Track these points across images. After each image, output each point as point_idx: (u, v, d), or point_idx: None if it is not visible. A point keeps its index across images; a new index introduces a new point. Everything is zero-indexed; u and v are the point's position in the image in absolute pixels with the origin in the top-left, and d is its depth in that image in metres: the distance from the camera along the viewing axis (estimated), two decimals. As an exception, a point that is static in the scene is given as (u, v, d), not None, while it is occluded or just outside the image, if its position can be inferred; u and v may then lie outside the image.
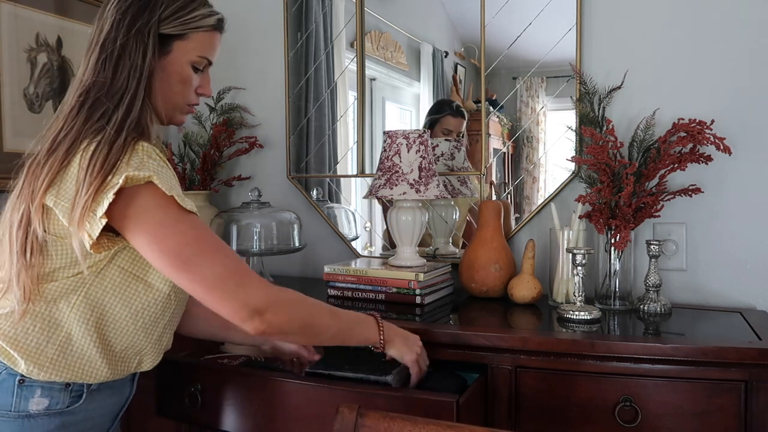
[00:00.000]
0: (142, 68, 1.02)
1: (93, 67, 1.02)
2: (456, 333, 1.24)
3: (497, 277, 1.53)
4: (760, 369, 1.09)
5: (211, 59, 1.13)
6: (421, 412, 1.08)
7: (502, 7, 1.67)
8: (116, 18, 1.03)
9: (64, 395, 1.00)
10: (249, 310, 0.95)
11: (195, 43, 1.08)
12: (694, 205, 1.52)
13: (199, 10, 1.08)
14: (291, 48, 1.97)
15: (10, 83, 1.72)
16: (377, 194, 1.53)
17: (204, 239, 0.98)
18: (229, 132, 1.97)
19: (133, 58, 1.02)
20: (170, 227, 0.96)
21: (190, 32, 1.07)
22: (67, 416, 1.00)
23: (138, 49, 1.02)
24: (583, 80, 1.57)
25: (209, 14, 1.10)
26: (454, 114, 1.78)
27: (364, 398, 1.12)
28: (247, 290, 0.96)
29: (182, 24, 1.06)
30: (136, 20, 1.02)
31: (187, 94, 1.11)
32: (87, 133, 0.97)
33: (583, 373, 1.17)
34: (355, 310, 1.44)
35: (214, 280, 0.95)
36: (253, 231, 1.73)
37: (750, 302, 1.50)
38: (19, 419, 0.97)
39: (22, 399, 0.97)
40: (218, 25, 1.12)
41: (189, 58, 1.08)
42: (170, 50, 1.06)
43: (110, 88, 1.01)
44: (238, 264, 0.98)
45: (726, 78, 1.50)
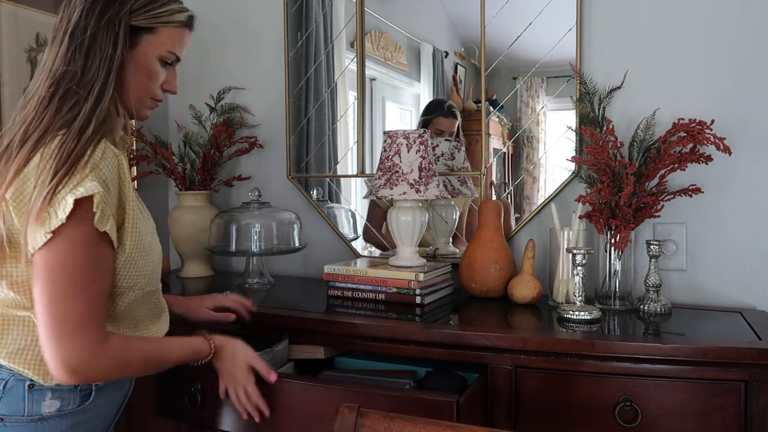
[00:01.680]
0: (112, 58, 1.01)
1: (63, 56, 1.00)
2: (456, 333, 1.24)
3: (497, 277, 1.53)
4: (760, 369, 1.09)
5: (179, 55, 1.12)
6: (422, 411, 1.08)
7: (503, 7, 1.67)
8: (85, 7, 1.01)
9: (74, 395, 1.01)
10: (69, 366, 0.92)
11: (164, 37, 1.08)
12: (694, 205, 1.52)
13: (169, 5, 1.08)
14: (291, 48, 1.96)
15: (10, 83, 1.72)
16: (377, 194, 1.53)
17: (89, 268, 0.94)
18: (229, 132, 1.97)
19: (103, 48, 1.01)
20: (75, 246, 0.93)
21: (160, 26, 1.07)
22: (78, 415, 1.01)
23: (108, 39, 1.01)
24: (583, 80, 1.57)
25: (180, 10, 1.10)
26: (445, 114, 1.78)
27: (364, 398, 1.12)
28: (75, 346, 0.92)
29: (153, 17, 1.06)
30: (107, 10, 1.01)
31: (152, 89, 1.10)
32: (57, 125, 0.96)
33: (583, 373, 1.17)
34: (356, 310, 1.45)
35: (59, 316, 0.91)
36: (253, 231, 1.73)
37: (750, 302, 1.50)
38: (32, 423, 0.98)
39: (34, 403, 0.98)
40: (188, 22, 1.12)
41: (157, 53, 1.08)
42: (139, 43, 1.05)
43: (81, 78, 0.99)
44: (92, 314, 0.94)
45: (726, 78, 1.50)
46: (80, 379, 0.95)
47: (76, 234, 0.92)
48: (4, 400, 0.97)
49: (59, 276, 0.91)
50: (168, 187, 2.19)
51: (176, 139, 2.09)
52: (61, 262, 0.91)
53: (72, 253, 0.92)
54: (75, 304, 0.92)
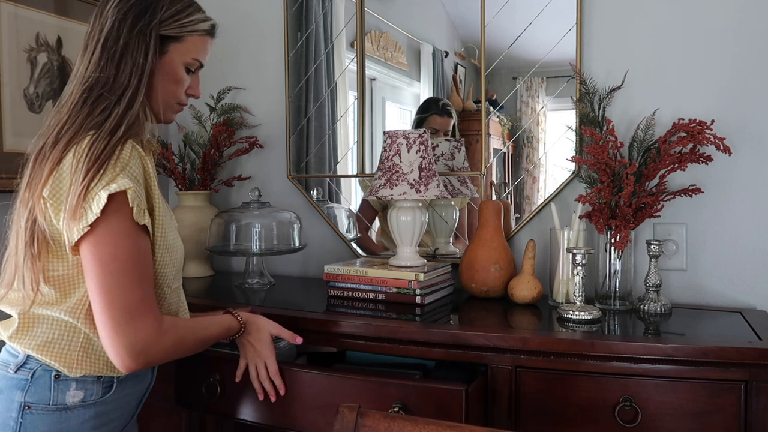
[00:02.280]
0: (143, 67, 1.07)
1: (96, 64, 1.06)
2: (456, 333, 1.24)
3: (497, 277, 1.53)
4: (760, 369, 1.09)
5: (203, 62, 1.19)
6: (432, 400, 1.12)
7: (503, 7, 1.67)
8: (117, 18, 1.07)
9: (97, 387, 1.06)
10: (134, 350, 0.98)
11: (190, 45, 1.14)
12: (694, 205, 1.52)
13: (195, 15, 1.15)
14: (291, 48, 1.97)
15: (10, 83, 1.72)
16: (377, 194, 1.53)
17: (138, 259, 1.00)
18: (229, 132, 1.97)
19: (135, 56, 1.06)
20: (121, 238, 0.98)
21: (187, 35, 1.13)
22: (100, 406, 1.06)
23: (140, 48, 1.07)
24: (583, 80, 1.57)
25: (204, 19, 1.16)
26: (440, 113, 1.78)
27: (377, 387, 1.16)
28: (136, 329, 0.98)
29: (180, 27, 1.12)
30: (138, 21, 1.07)
31: (178, 94, 1.17)
32: (88, 127, 1.01)
33: (583, 373, 1.17)
34: (356, 310, 1.45)
35: (119, 308, 0.97)
36: (253, 231, 1.73)
37: (750, 302, 1.50)
38: (57, 412, 1.02)
39: (59, 393, 1.03)
40: (211, 31, 1.19)
41: (183, 60, 1.14)
42: (167, 51, 1.11)
43: (113, 84, 1.05)
44: (146, 298, 1.00)
45: (726, 78, 1.50)
46: (144, 362, 0.99)
47: (118, 227, 0.97)
48: (32, 389, 1.02)
49: (112, 267, 0.97)
50: (168, 187, 2.19)
51: (176, 139, 2.09)
52: (111, 253, 0.97)
53: (119, 245, 0.97)
54: (132, 292, 0.98)
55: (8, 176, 1.70)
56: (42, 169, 1.00)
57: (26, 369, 1.03)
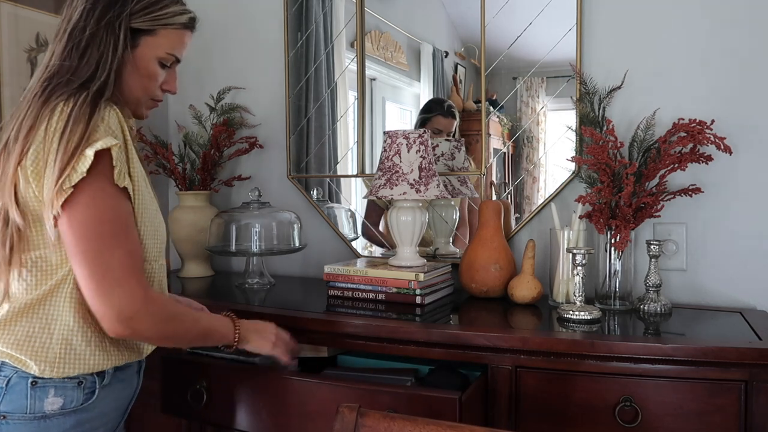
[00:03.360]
0: (112, 60, 1.02)
1: (60, 53, 1.02)
2: (456, 333, 1.24)
3: (497, 277, 1.53)
4: (760, 369, 1.09)
5: (179, 57, 1.13)
6: (425, 408, 1.10)
7: (503, 7, 1.67)
8: (86, 7, 1.03)
9: (78, 393, 1.00)
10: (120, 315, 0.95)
11: (164, 39, 1.08)
12: (694, 205, 1.52)
13: (170, 7, 1.08)
14: (291, 48, 1.96)
15: (10, 83, 1.72)
16: (377, 194, 1.53)
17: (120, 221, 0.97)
18: (229, 132, 1.97)
19: (101, 48, 1.02)
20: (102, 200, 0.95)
21: (160, 28, 1.07)
22: (82, 414, 1.01)
23: (108, 41, 1.02)
24: (583, 80, 1.57)
25: (181, 12, 1.10)
26: (444, 114, 1.77)
27: (368, 395, 1.14)
28: (123, 294, 0.95)
29: (152, 20, 1.06)
30: (107, 12, 1.02)
31: (151, 89, 1.12)
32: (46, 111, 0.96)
33: (583, 373, 1.17)
34: (356, 310, 1.45)
35: (102, 269, 0.93)
36: (253, 231, 1.73)
37: (750, 302, 1.50)
38: (35, 421, 0.97)
39: (37, 400, 0.97)
40: (189, 24, 1.12)
41: (156, 54, 1.08)
42: (138, 44, 1.06)
43: (75, 73, 1.00)
44: (132, 263, 0.97)
45: (726, 78, 1.50)
46: (133, 327, 0.96)
47: (100, 188, 0.94)
48: (7, 397, 0.97)
49: (95, 229, 0.94)
50: (168, 187, 2.19)
51: (176, 139, 2.09)
52: (92, 215, 0.93)
53: (100, 206, 0.94)
54: (115, 255, 0.94)
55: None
56: (8, 165, 0.96)
57: (1, 377, 0.97)
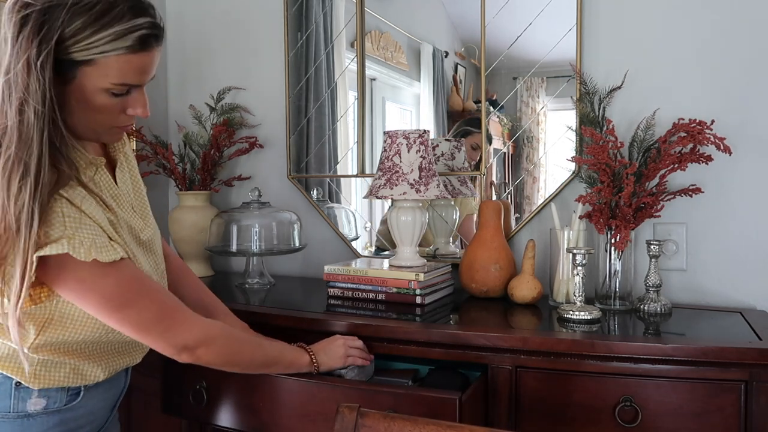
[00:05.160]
0: (43, 112, 0.85)
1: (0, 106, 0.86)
2: (456, 333, 1.24)
3: (497, 277, 1.53)
4: (760, 369, 1.09)
5: (134, 83, 0.93)
6: (425, 408, 1.10)
7: (503, 7, 1.67)
8: (11, 37, 0.85)
9: (62, 395, 1.01)
10: (178, 349, 1.00)
11: (106, 69, 0.88)
12: (694, 205, 1.52)
13: (110, 28, 0.87)
14: (291, 48, 1.96)
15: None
16: (377, 194, 1.53)
17: (130, 286, 0.95)
18: (229, 132, 1.97)
19: (32, 97, 0.84)
20: (94, 285, 0.92)
21: (98, 57, 0.87)
22: (66, 413, 1.01)
23: (36, 88, 0.84)
24: (583, 80, 1.57)
25: (126, 32, 0.88)
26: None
27: (368, 395, 1.14)
28: (175, 332, 0.99)
29: (84, 49, 0.86)
30: (29, 46, 0.84)
31: (107, 121, 0.95)
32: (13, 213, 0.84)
33: (583, 373, 1.17)
34: (356, 310, 1.45)
35: (143, 326, 0.97)
36: (253, 231, 1.73)
37: (750, 302, 1.50)
38: (18, 419, 0.97)
39: (20, 400, 0.98)
40: (139, 45, 0.89)
41: (100, 86, 0.90)
42: (74, 77, 0.88)
43: (19, 140, 0.85)
44: (164, 306, 0.99)
45: (726, 78, 1.50)
46: (206, 355, 1.01)
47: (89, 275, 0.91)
48: None
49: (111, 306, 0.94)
50: (168, 187, 2.19)
51: (176, 139, 2.09)
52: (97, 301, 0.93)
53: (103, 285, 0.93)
54: (160, 302, 0.98)
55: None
56: None
57: None
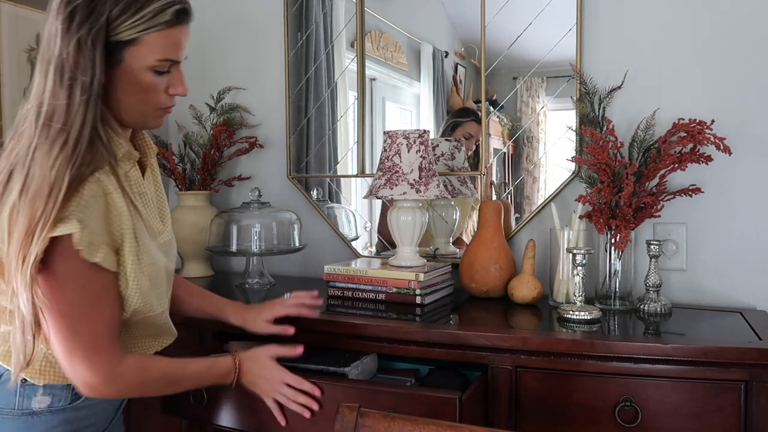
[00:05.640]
0: (90, 87, 0.91)
1: (50, 89, 0.91)
2: (456, 333, 1.24)
3: (497, 277, 1.53)
4: (760, 369, 1.09)
5: (175, 59, 0.99)
6: (425, 408, 1.09)
7: (503, 7, 1.67)
8: (61, 30, 0.91)
9: (66, 393, 1.01)
10: (84, 382, 0.95)
11: (149, 46, 0.94)
12: (694, 205, 1.52)
13: (149, 6, 0.93)
14: (291, 48, 1.96)
15: (10, 83, 1.72)
16: (377, 194, 1.53)
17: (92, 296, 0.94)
18: (229, 132, 1.97)
19: (82, 76, 0.90)
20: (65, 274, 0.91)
21: (142, 35, 0.93)
22: (70, 412, 1.01)
23: (85, 65, 0.90)
24: (583, 80, 1.57)
25: (163, 8, 0.94)
26: (477, 120, 1.76)
27: (369, 395, 1.14)
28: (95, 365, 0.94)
29: (130, 27, 0.92)
30: (81, 28, 0.90)
31: (154, 101, 1.00)
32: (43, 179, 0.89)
33: (583, 373, 1.17)
34: (356, 310, 1.45)
35: (73, 340, 0.93)
36: (253, 231, 1.73)
37: (750, 302, 1.50)
38: (22, 417, 0.98)
39: (25, 398, 0.98)
40: (177, 19, 0.96)
41: (146, 64, 0.96)
42: (122, 59, 0.94)
43: (66, 115, 0.91)
44: (105, 333, 0.96)
45: (726, 78, 1.50)
46: (101, 395, 0.97)
47: (64, 269, 0.90)
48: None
49: (61, 309, 0.92)
50: (168, 187, 2.19)
51: (176, 139, 2.09)
52: (57, 298, 0.91)
53: (65, 288, 0.91)
54: (81, 334, 0.93)
55: (8, 176, 1.70)
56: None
57: None
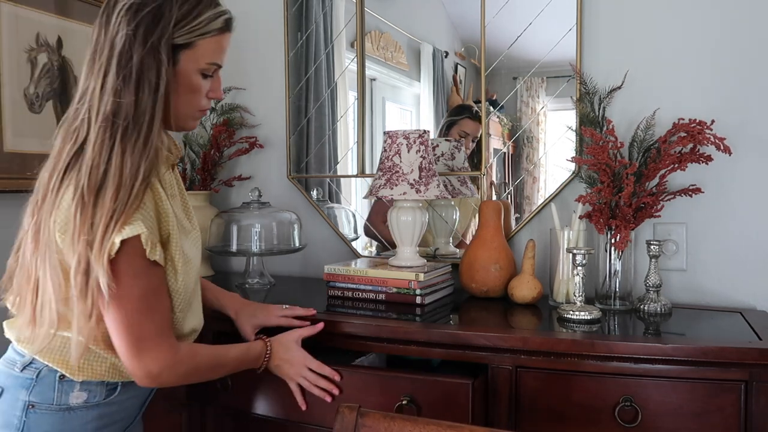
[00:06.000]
0: (158, 86, 0.99)
1: (112, 87, 0.97)
2: (456, 333, 1.24)
3: (497, 277, 1.53)
4: (760, 369, 1.09)
5: (220, 63, 1.09)
6: (440, 393, 1.19)
7: (503, 7, 1.67)
8: (128, 31, 0.97)
9: (101, 389, 1.06)
10: (146, 372, 1.02)
11: (202, 50, 1.04)
12: (694, 205, 1.52)
13: (205, 13, 1.03)
14: (291, 48, 1.97)
15: (10, 83, 1.72)
16: (377, 194, 1.53)
17: (153, 293, 1.01)
18: (229, 132, 1.97)
19: (150, 77, 0.98)
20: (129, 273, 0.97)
21: (197, 39, 1.03)
22: (104, 407, 1.07)
23: (153, 65, 0.98)
24: (583, 80, 1.57)
25: (216, 16, 1.05)
26: (472, 117, 1.77)
27: (386, 381, 1.21)
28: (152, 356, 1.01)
29: (188, 33, 1.02)
30: (150, 34, 0.98)
31: (197, 103, 1.09)
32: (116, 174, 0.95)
33: (583, 373, 1.17)
34: (356, 310, 1.45)
35: (136, 336, 0.99)
36: (253, 231, 1.73)
37: (750, 302, 1.50)
38: (60, 412, 1.03)
39: (63, 393, 1.03)
40: (226, 27, 1.08)
41: (198, 67, 1.05)
42: (178, 61, 1.02)
43: (135, 113, 0.98)
44: (163, 325, 1.03)
45: (726, 78, 1.50)
46: (159, 383, 1.05)
47: (131, 268, 0.97)
48: (37, 388, 1.02)
49: (126, 305, 0.98)
50: (168, 187, 2.19)
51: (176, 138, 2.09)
52: (123, 295, 0.97)
53: (131, 284, 0.97)
54: (144, 326, 1.00)
55: (8, 176, 1.70)
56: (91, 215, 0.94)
57: (32, 368, 1.03)
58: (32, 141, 1.77)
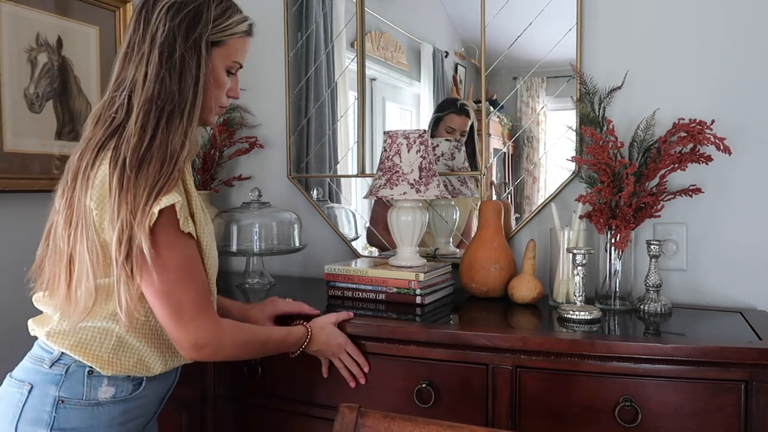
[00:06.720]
0: (198, 77, 1.07)
1: (155, 75, 1.04)
2: (456, 333, 1.24)
3: (497, 277, 1.53)
4: (760, 369, 1.09)
5: (242, 63, 1.18)
6: (457, 376, 1.24)
7: (503, 7, 1.67)
8: (171, 26, 1.05)
9: (128, 384, 1.10)
10: (192, 343, 1.05)
11: (230, 49, 1.13)
12: (694, 205, 1.52)
13: (234, 16, 1.13)
14: (291, 48, 1.97)
15: (10, 83, 1.72)
16: (377, 194, 1.53)
17: (189, 264, 1.05)
18: (229, 132, 1.97)
19: (191, 68, 1.06)
20: (167, 245, 1.02)
21: (227, 38, 1.12)
22: (129, 402, 1.10)
23: (194, 59, 1.06)
24: (583, 80, 1.57)
25: (242, 20, 1.15)
26: (458, 112, 1.77)
27: (408, 366, 1.28)
28: (197, 326, 1.05)
29: (221, 31, 1.11)
30: (192, 30, 1.06)
31: (219, 99, 1.16)
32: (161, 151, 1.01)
33: (583, 373, 1.17)
34: (356, 310, 1.45)
35: (177, 307, 1.03)
36: (254, 231, 1.73)
37: (750, 302, 1.50)
38: (89, 407, 1.06)
39: (92, 388, 1.06)
40: (250, 31, 1.17)
41: (225, 64, 1.13)
42: (210, 56, 1.11)
43: (178, 100, 1.05)
44: (202, 297, 1.07)
45: (726, 78, 1.50)
46: (209, 354, 1.07)
47: (167, 238, 1.01)
48: (66, 384, 1.05)
49: (166, 276, 1.02)
50: (168, 187, 2.19)
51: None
52: (162, 264, 1.01)
53: (169, 255, 1.02)
54: (186, 296, 1.03)
55: (8, 176, 1.70)
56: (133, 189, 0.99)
57: (60, 364, 1.05)
58: (32, 141, 1.78)
